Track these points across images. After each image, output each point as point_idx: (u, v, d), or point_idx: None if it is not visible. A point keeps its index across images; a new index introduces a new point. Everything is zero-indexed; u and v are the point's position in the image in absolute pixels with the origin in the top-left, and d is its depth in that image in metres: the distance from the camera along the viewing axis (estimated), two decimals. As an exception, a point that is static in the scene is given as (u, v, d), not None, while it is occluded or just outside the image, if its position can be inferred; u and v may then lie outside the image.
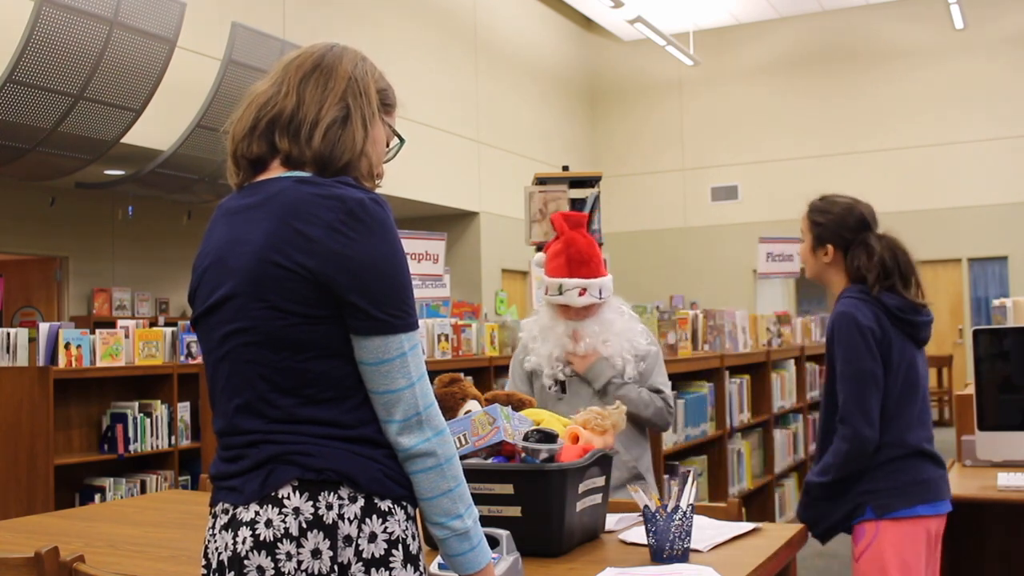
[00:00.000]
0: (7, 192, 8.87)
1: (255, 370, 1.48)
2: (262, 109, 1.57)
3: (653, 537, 2.05)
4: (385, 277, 1.48)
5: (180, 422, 5.74)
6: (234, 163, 1.60)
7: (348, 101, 1.56)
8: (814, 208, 2.80)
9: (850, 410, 2.57)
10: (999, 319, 5.14)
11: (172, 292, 10.83)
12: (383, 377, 1.48)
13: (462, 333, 5.65)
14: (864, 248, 2.69)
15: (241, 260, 1.49)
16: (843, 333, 2.61)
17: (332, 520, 1.44)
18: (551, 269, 3.00)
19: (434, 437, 1.49)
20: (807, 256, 2.83)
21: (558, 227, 3.03)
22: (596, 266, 2.99)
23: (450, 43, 12.33)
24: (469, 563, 1.51)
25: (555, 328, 3.01)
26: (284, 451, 1.46)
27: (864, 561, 2.58)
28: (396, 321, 1.48)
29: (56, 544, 1.80)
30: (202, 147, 7.74)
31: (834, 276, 2.77)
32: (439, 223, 11.46)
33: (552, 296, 2.97)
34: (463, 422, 2.22)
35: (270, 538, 1.43)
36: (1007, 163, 13.43)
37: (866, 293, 2.65)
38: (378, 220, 1.49)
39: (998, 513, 3.42)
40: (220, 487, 1.52)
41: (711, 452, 5.23)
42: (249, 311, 1.48)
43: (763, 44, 14.86)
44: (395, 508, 1.49)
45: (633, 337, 3.04)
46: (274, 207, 1.49)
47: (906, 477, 2.59)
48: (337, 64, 1.59)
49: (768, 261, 6.77)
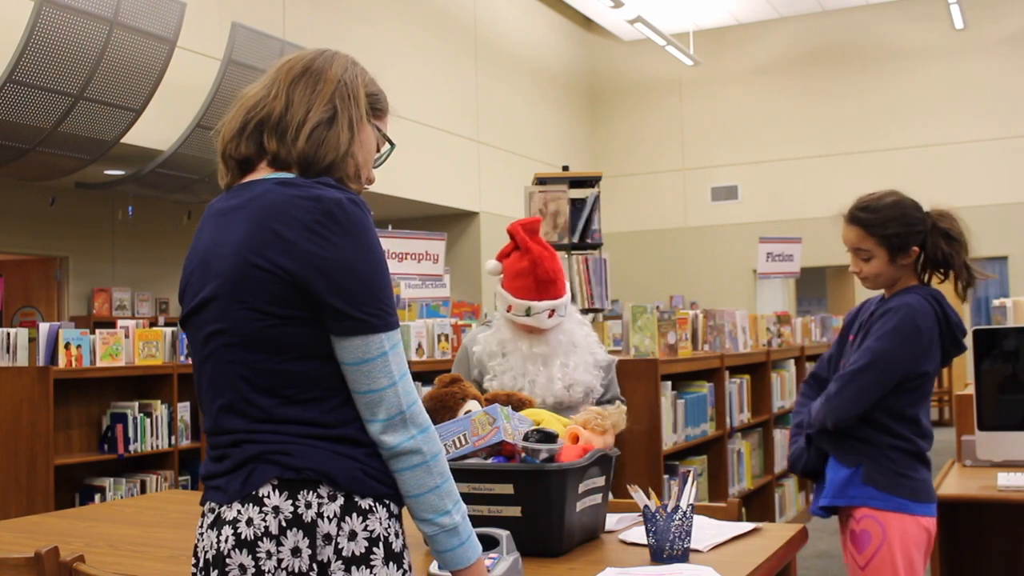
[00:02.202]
0: (7, 192, 8.87)
1: (236, 371, 1.50)
2: (251, 111, 1.59)
3: (653, 537, 2.06)
4: (362, 277, 1.48)
5: (180, 422, 5.74)
6: (223, 164, 1.62)
7: (336, 103, 1.58)
8: (869, 221, 2.65)
9: (835, 382, 2.60)
10: (999, 319, 5.14)
11: (172, 292, 10.82)
12: (365, 377, 1.49)
13: (462, 333, 5.65)
14: (937, 232, 2.65)
15: (223, 262, 1.51)
16: (901, 320, 2.57)
17: (311, 519, 1.46)
18: (516, 289, 2.86)
19: (419, 435, 1.50)
20: (882, 269, 2.67)
21: (520, 240, 2.88)
22: (561, 282, 2.89)
23: (450, 43, 12.33)
24: (458, 558, 1.52)
25: (518, 344, 2.90)
26: (265, 451, 1.48)
27: (873, 567, 2.57)
28: (375, 321, 1.49)
29: (56, 544, 1.80)
30: (202, 147, 7.73)
31: (905, 273, 2.70)
32: (439, 223, 11.45)
33: (517, 316, 2.86)
34: (463, 422, 2.22)
35: (251, 536, 1.45)
36: (1007, 163, 13.43)
37: (935, 299, 2.63)
38: (355, 221, 1.49)
39: (998, 513, 3.42)
40: (208, 486, 1.54)
41: (711, 452, 5.23)
42: (229, 312, 1.49)
43: (763, 44, 14.86)
44: (376, 506, 1.50)
45: (594, 348, 2.99)
46: (254, 209, 1.51)
47: (913, 476, 2.60)
48: (327, 67, 1.61)
49: (768, 261, 6.77)
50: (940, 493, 2.90)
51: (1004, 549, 3.47)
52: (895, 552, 2.54)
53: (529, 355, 2.89)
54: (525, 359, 2.89)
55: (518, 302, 2.85)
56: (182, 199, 9.12)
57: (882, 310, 2.64)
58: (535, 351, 2.89)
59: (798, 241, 6.96)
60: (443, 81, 12.01)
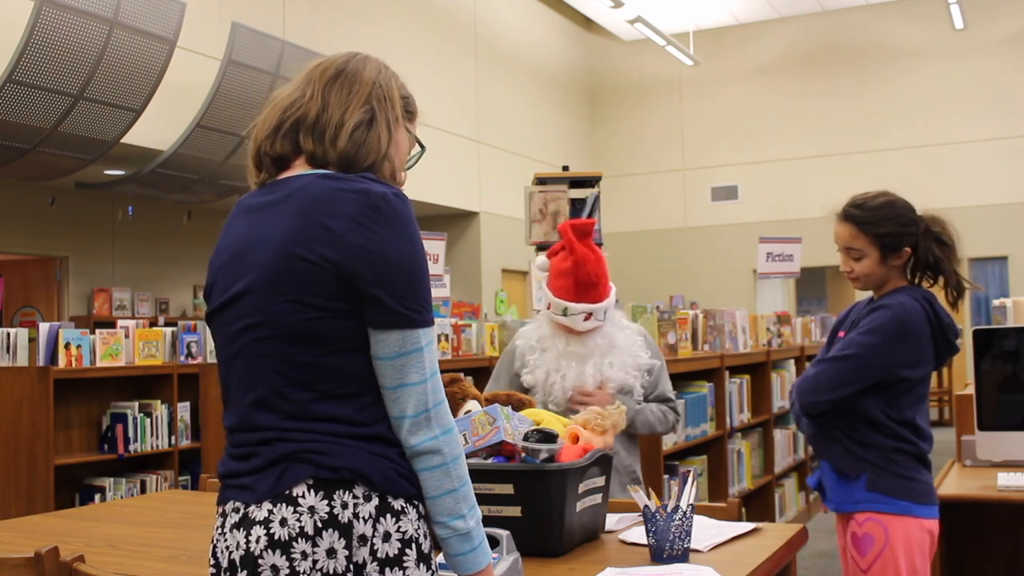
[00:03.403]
0: (7, 192, 8.87)
1: (271, 364, 1.49)
2: (286, 111, 1.58)
3: (653, 537, 2.05)
4: (406, 272, 1.49)
5: (180, 422, 5.74)
6: (256, 162, 1.62)
7: (373, 104, 1.59)
8: (863, 219, 2.63)
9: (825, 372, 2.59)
10: (999, 319, 5.14)
11: (172, 292, 10.83)
12: (397, 371, 1.48)
13: (462, 333, 5.65)
14: (929, 236, 2.63)
15: (262, 255, 1.50)
16: (889, 319, 2.56)
17: (347, 519, 1.44)
18: (557, 288, 2.89)
19: (442, 435, 1.50)
20: (873, 268, 2.64)
21: (567, 240, 2.90)
22: (604, 287, 2.90)
23: (450, 43, 12.33)
24: (469, 563, 1.52)
25: (556, 342, 2.93)
26: (298, 449, 1.46)
27: (875, 570, 2.57)
28: (415, 316, 1.49)
29: (56, 544, 1.80)
30: (202, 147, 7.73)
31: (895, 275, 2.67)
32: (439, 223, 11.46)
33: (555, 315, 2.90)
34: (463, 422, 2.22)
35: (285, 537, 1.43)
36: (1007, 163, 13.43)
37: (927, 301, 2.62)
38: (401, 215, 1.50)
39: (998, 513, 3.42)
40: (230, 485, 1.51)
41: (711, 452, 5.23)
42: (267, 305, 1.48)
43: (763, 44, 14.86)
44: (408, 507, 1.50)
45: (635, 351, 2.99)
46: (297, 202, 1.50)
47: (915, 478, 2.60)
48: (361, 70, 1.61)
49: (768, 261, 6.77)
50: (940, 493, 2.90)
51: (1004, 549, 3.47)
52: (898, 555, 2.54)
53: (564, 352, 2.92)
54: (560, 356, 2.92)
55: (557, 301, 2.89)
56: (182, 199, 9.12)
57: (873, 307, 2.64)
58: (571, 349, 2.92)
59: (798, 241, 6.96)
60: (443, 81, 12.01)
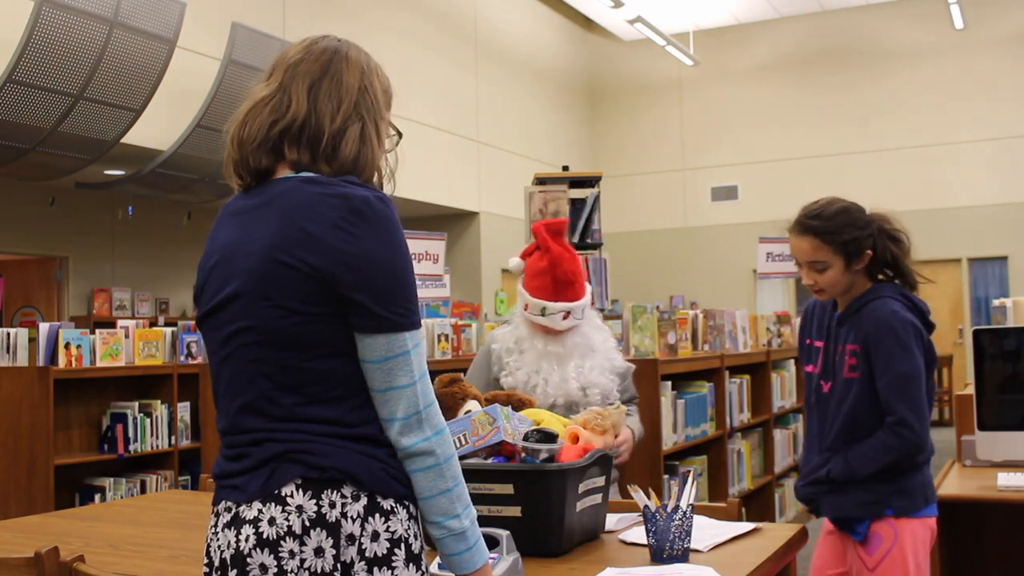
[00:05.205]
0: (7, 192, 8.87)
1: (259, 369, 1.49)
2: (271, 117, 1.55)
3: (653, 537, 2.06)
4: (389, 275, 1.49)
5: (180, 422, 5.74)
6: (236, 170, 1.58)
7: (363, 114, 1.57)
8: (824, 229, 2.56)
9: (907, 409, 2.50)
10: (999, 319, 5.14)
11: (172, 292, 10.83)
12: (386, 375, 1.48)
13: (462, 333, 5.66)
14: (884, 235, 2.62)
15: (248, 260, 1.50)
16: (896, 332, 2.52)
17: (335, 518, 1.45)
18: (534, 288, 2.88)
19: (433, 436, 1.50)
20: (838, 277, 2.59)
21: (541, 240, 2.89)
22: (580, 285, 2.90)
23: (450, 43, 12.33)
24: (465, 563, 1.52)
25: (534, 343, 2.92)
26: (287, 449, 1.47)
27: (883, 569, 2.57)
28: (400, 319, 1.49)
29: (56, 544, 1.80)
30: (202, 147, 7.73)
31: (860, 278, 2.64)
32: (439, 223, 11.45)
33: (533, 315, 2.89)
34: (463, 422, 2.22)
35: (273, 536, 1.43)
36: (1007, 163, 13.43)
37: (904, 296, 2.60)
38: (383, 218, 1.50)
39: (998, 513, 3.42)
40: (223, 486, 1.52)
41: (711, 452, 5.22)
42: (254, 310, 1.48)
43: (763, 44, 14.86)
44: (397, 507, 1.50)
45: (611, 353, 2.99)
46: (280, 206, 1.50)
47: (923, 478, 2.61)
48: (344, 69, 1.58)
49: (768, 261, 6.76)
50: (940, 493, 2.91)
51: (1004, 549, 3.47)
52: (906, 553, 2.55)
53: (544, 353, 2.90)
54: (539, 357, 2.91)
55: (534, 301, 2.88)
56: (182, 199, 9.12)
57: (874, 327, 2.56)
58: (549, 350, 2.90)
59: (798, 243, 6.94)
60: (443, 81, 12.01)
